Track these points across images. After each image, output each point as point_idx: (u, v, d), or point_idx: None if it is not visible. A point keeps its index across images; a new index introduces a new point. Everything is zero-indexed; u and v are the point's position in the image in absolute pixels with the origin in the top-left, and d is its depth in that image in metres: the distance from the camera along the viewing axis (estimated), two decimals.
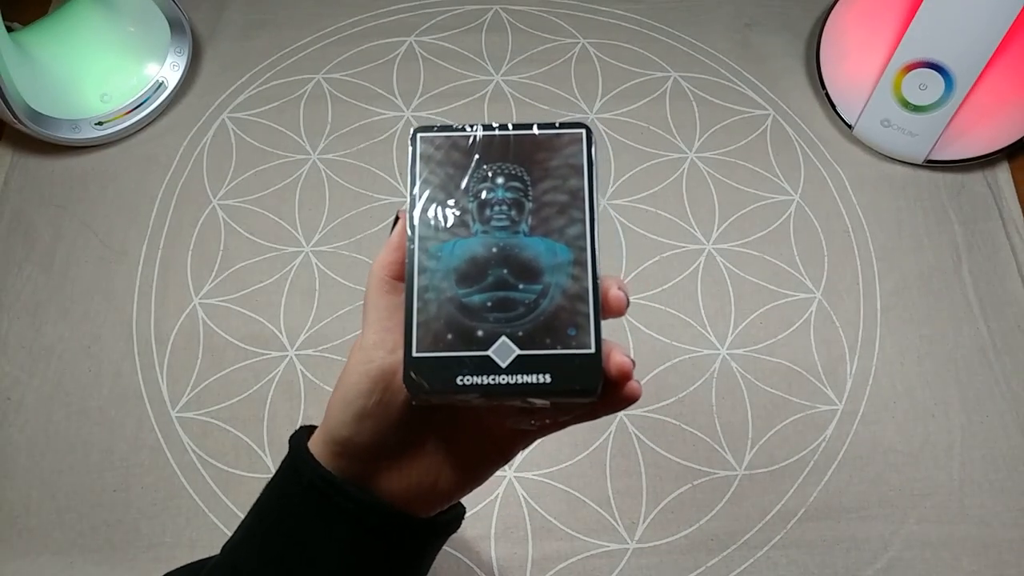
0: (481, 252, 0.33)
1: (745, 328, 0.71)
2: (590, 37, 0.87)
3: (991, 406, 0.67)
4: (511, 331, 0.32)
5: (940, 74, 0.73)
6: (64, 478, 0.64)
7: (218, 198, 0.77)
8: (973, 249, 0.74)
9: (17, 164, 0.79)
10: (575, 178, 0.35)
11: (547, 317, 0.33)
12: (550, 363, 0.32)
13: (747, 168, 0.79)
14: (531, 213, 0.34)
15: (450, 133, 0.35)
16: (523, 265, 0.34)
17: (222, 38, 0.87)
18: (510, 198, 0.34)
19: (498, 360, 0.32)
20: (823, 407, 0.68)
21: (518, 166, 0.35)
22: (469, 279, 0.33)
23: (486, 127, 0.35)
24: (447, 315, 0.32)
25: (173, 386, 0.68)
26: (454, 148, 0.35)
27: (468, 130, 0.35)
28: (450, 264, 0.33)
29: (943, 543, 0.62)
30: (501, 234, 0.34)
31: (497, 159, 0.35)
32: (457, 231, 0.33)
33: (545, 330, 0.33)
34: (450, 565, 0.61)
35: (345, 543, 0.35)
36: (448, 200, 0.34)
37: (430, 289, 0.32)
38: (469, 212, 0.34)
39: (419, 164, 0.34)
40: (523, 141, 0.35)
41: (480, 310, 0.32)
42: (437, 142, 0.35)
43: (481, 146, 0.35)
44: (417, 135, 0.34)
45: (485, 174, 0.35)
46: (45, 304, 0.72)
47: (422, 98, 0.83)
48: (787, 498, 0.64)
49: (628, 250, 0.74)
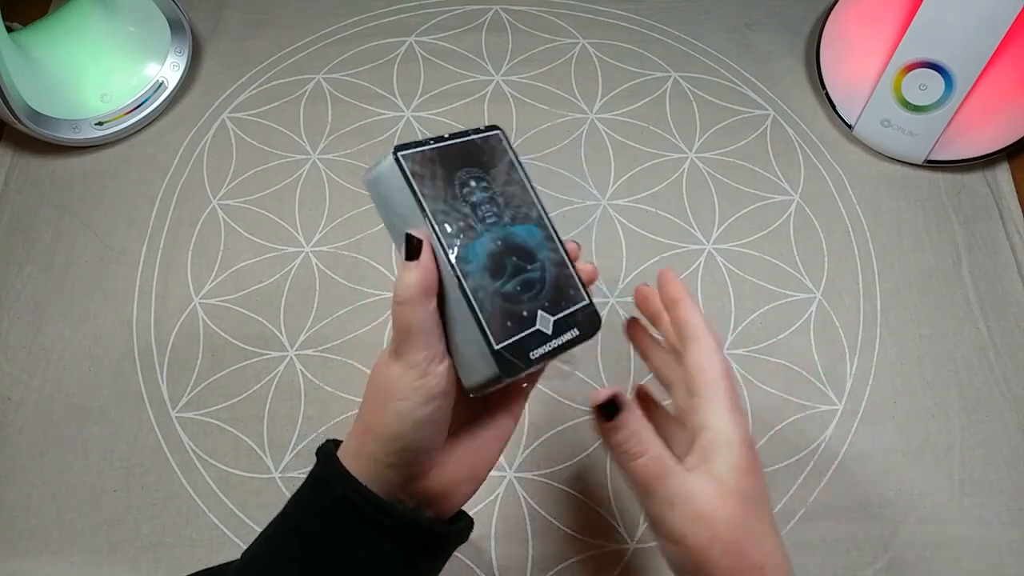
0: (493, 247, 0.38)
1: (745, 328, 0.71)
2: (590, 37, 0.87)
3: (991, 406, 0.67)
4: (541, 305, 0.38)
5: (940, 74, 0.73)
6: (64, 478, 0.64)
7: (218, 198, 0.77)
8: (973, 249, 0.74)
9: (17, 164, 0.79)
10: (514, 171, 0.41)
11: (554, 286, 0.39)
12: (572, 320, 0.39)
13: (747, 168, 0.79)
14: (504, 206, 0.39)
15: (420, 148, 0.38)
16: (522, 250, 0.39)
17: (222, 38, 0.87)
18: (488, 197, 0.39)
19: (545, 330, 0.38)
20: (823, 407, 0.68)
21: (478, 169, 0.39)
22: (497, 272, 0.38)
23: (436, 139, 0.38)
24: (499, 307, 0.37)
25: (173, 386, 0.68)
26: (428, 162, 0.38)
27: (429, 144, 0.38)
28: (479, 264, 0.37)
29: (943, 543, 0.62)
30: (497, 229, 0.38)
31: (462, 166, 0.39)
32: (468, 235, 0.37)
33: (559, 296, 0.39)
34: (450, 565, 0.61)
35: (377, 556, 0.36)
36: (450, 210, 0.37)
37: (478, 290, 0.36)
38: (469, 216, 0.38)
39: (415, 182, 0.36)
40: (469, 148, 0.39)
41: (516, 295, 0.38)
42: (416, 159, 0.37)
43: (445, 157, 0.38)
44: (399, 155, 0.36)
45: (463, 180, 0.38)
46: (45, 304, 0.72)
47: (422, 98, 0.83)
48: (787, 498, 0.64)
49: (628, 250, 0.74)
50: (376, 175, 0.37)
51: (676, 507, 0.35)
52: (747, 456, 0.37)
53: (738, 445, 0.37)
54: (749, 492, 0.36)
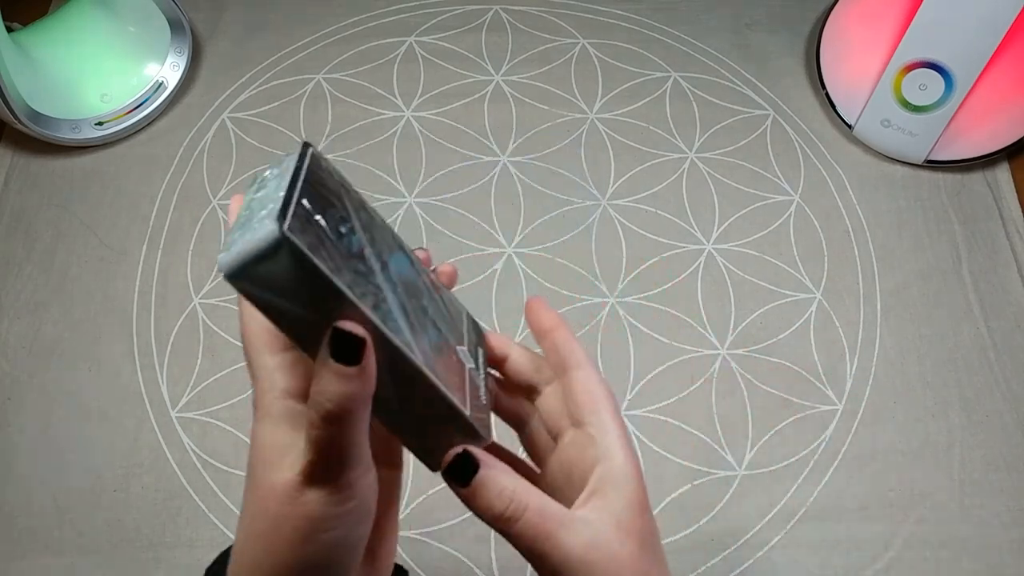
0: (402, 300, 0.30)
1: (745, 328, 0.71)
2: (590, 37, 0.87)
3: (991, 406, 0.67)
4: (455, 340, 0.33)
5: (940, 74, 0.73)
6: (64, 478, 0.64)
7: (218, 198, 0.77)
8: (973, 249, 0.74)
9: (17, 164, 0.79)
10: (349, 189, 0.31)
11: (447, 314, 0.34)
12: (472, 337, 0.35)
13: (747, 168, 0.79)
14: (372, 241, 0.30)
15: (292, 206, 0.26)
16: (413, 288, 0.32)
17: (222, 38, 0.87)
18: (360, 238, 0.30)
19: (470, 363, 0.33)
20: (823, 407, 0.68)
21: (333, 206, 0.29)
22: (419, 327, 0.30)
23: (285, 184, 0.27)
24: (442, 367, 0.31)
25: (173, 386, 0.68)
26: (307, 221, 0.27)
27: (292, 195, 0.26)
28: (404, 329, 0.29)
29: (943, 543, 0.62)
30: (385, 274, 0.30)
31: (325, 208, 0.28)
32: (380, 297, 0.29)
33: (452, 320, 0.34)
34: (450, 565, 0.61)
35: None
36: (355, 275, 0.28)
37: (427, 360, 0.29)
38: (366, 273, 0.29)
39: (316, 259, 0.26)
40: (315, 182, 0.28)
41: (439, 344, 0.31)
42: (298, 224, 0.26)
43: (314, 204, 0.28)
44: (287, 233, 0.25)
45: (335, 227, 0.28)
46: (45, 304, 0.72)
47: (422, 98, 0.83)
48: (787, 498, 0.64)
49: (628, 250, 0.74)
50: (247, 263, 0.25)
51: (574, 560, 0.31)
52: (643, 493, 0.33)
53: (635, 480, 0.33)
54: (646, 534, 0.33)
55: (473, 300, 0.71)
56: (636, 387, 0.68)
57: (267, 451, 0.29)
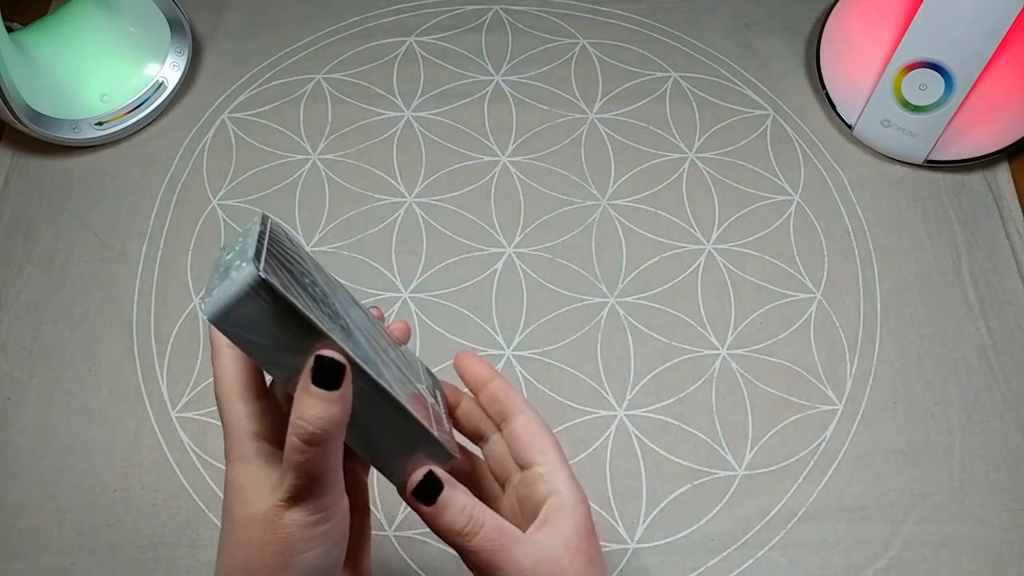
0: (368, 340, 0.34)
1: (745, 328, 0.71)
2: (590, 37, 0.87)
3: (991, 406, 0.67)
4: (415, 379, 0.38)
5: (940, 74, 0.73)
6: (64, 478, 0.64)
7: (218, 198, 0.77)
8: (973, 249, 0.74)
9: (17, 164, 0.79)
10: (304, 254, 0.35)
11: (403, 360, 0.38)
12: (429, 379, 0.40)
13: (747, 168, 0.79)
14: (331, 293, 0.34)
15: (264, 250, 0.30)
16: (373, 334, 0.36)
17: (222, 38, 0.87)
18: (321, 288, 0.33)
19: (431, 398, 0.37)
20: (823, 407, 0.68)
21: (290, 259, 0.32)
22: (386, 365, 0.34)
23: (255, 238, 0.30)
24: (410, 397, 0.34)
25: (173, 386, 0.68)
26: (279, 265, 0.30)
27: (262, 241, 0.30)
28: (374, 363, 0.32)
29: (943, 543, 0.62)
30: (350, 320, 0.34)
31: (291, 269, 0.31)
32: (349, 335, 0.32)
33: (408, 366, 0.38)
34: (450, 565, 0.61)
35: None
36: (324, 314, 0.31)
37: (399, 392, 0.33)
38: (334, 316, 0.32)
39: (290, 297, 0.29)
40: (276, 252, 0.31)
41: (402, 379, 0.35)
42: (272, 265, 0.29)
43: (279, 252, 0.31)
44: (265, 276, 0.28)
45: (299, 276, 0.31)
46: (45, 304, 0.72)
47: (422, 98, 0.83)
48: (787, 498, 0.64)
49: (628, 250, 0.74)
50: (229, 306, 0.27)
51: (527, 571, 0.33)
52: (589, 521, 0.37)
53: (583, 509, 0.37)
54: (594, 554, 0.36)
55: (473, 300, 0.72)
56: (636, 387, 0.68)
57: (244, 489, 0.32)
